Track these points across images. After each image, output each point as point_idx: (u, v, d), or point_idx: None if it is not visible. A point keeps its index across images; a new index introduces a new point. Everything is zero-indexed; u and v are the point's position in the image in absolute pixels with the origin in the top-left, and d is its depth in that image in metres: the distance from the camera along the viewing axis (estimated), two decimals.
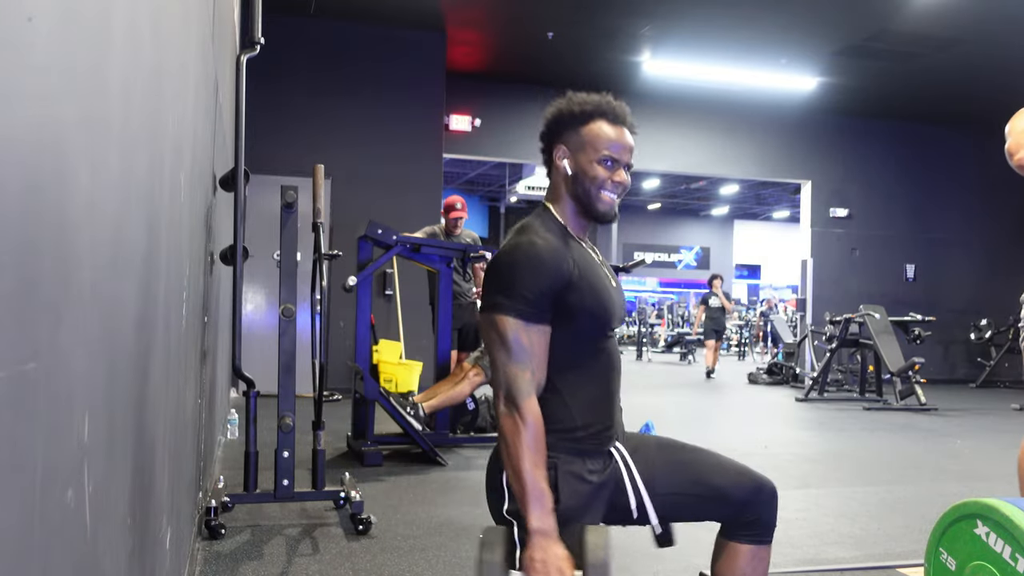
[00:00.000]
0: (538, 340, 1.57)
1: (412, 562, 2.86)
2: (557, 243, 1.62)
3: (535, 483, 1.47)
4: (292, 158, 7.52)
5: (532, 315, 1.56)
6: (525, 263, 1.57)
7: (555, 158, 1.71)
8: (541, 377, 1.59)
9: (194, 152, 2.35)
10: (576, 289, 1.60)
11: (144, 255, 1.37)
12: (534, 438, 1.50)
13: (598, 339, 1.67)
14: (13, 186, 0.63)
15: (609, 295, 1.68)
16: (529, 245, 1.59)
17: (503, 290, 1.57)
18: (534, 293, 1.56)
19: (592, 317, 1.63)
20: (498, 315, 1.56)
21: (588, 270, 1.65)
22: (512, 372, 1.53)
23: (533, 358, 1.56)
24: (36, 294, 0.71)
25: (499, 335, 1.55)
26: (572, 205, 1.71)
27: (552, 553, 1.44)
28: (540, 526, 1.45)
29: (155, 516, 1.61)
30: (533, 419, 1.51)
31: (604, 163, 1.67)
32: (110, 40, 1.02)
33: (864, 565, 2.96)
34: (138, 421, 1.36)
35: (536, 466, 1.49)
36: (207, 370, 3.28)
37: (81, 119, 0.87)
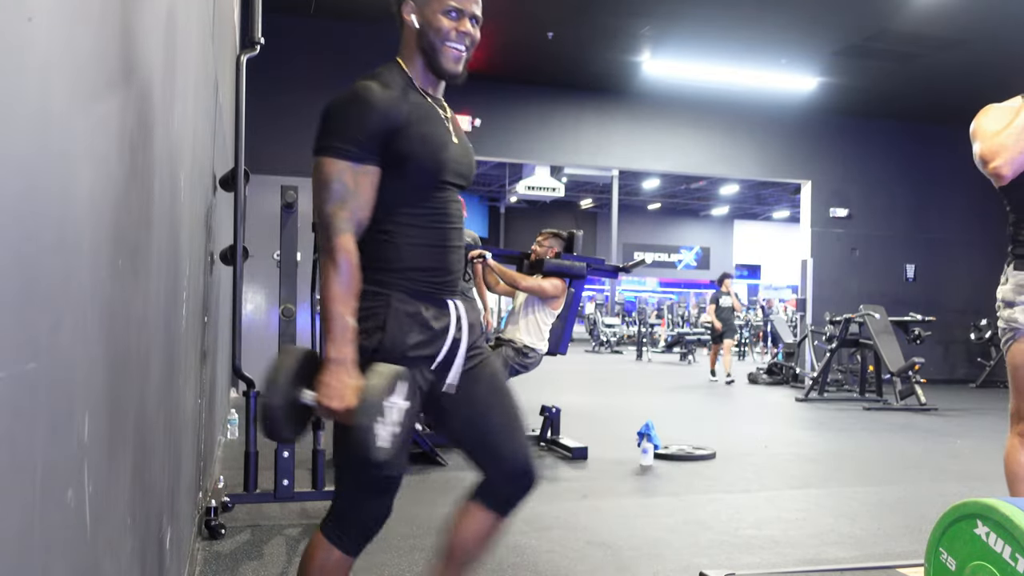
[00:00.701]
0: (363, 181, 1.61)
1: (412, 562, 2.86)
2: (394, 90, 1.65)
3: (339, 316, 1.54)
4: (292, 158, 7.52)
5: (358, 156, 1.60)
6: (355, 105, 1.61)
7: (403, 13, 1.74)
8: (363, 217, 1.62)
9: (194, 152, 2.35)
10: (406, 137, 1.63)
11: (144, 255, 1.37)
12: (345, 274, 1.56)
13: (429, 189, 1.70)
14: (13, 186, 0.63)
15: (444, 148, 1.70)
16: (363, 88, 1.62)
17: (332, 132, 1.61)
18: (362, 134, 1.59)
19: (422, 166, 1.66)
20: (325, 157, 1.60)
21: (424, 120, 1.67)
22: (330, 210, 1.58)
23: (355, 198, 1.60)
24: (36, 294, 0.71)
25: (324, 176, 1.59)
26: (421, 60, 1.74)
27: (341, 380, 1.52)
28: (337, 355, 1.53)
29: (155, 516, 1.61)
30: (345, 256, 1.56)
31: (448, 14, 1.69)
32: (110, 40, 1.02)
33: (864, 565, 2.96)
34: (138, 421, 1.36)
35: (341, 300, 1.55)
36: (207, 370, 3.28)
37: (81, 119, 0.87)
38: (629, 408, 7.14)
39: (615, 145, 10.18)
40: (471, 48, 1.74)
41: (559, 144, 10.07)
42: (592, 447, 4.97)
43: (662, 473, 4.55)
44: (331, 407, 1.52)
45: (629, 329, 19.96)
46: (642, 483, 4.33)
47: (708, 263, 28.65)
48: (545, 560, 2.93)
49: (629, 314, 21.65)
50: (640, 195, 24.95)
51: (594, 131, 10.11)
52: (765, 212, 27.27)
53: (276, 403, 1.54)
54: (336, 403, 1.51)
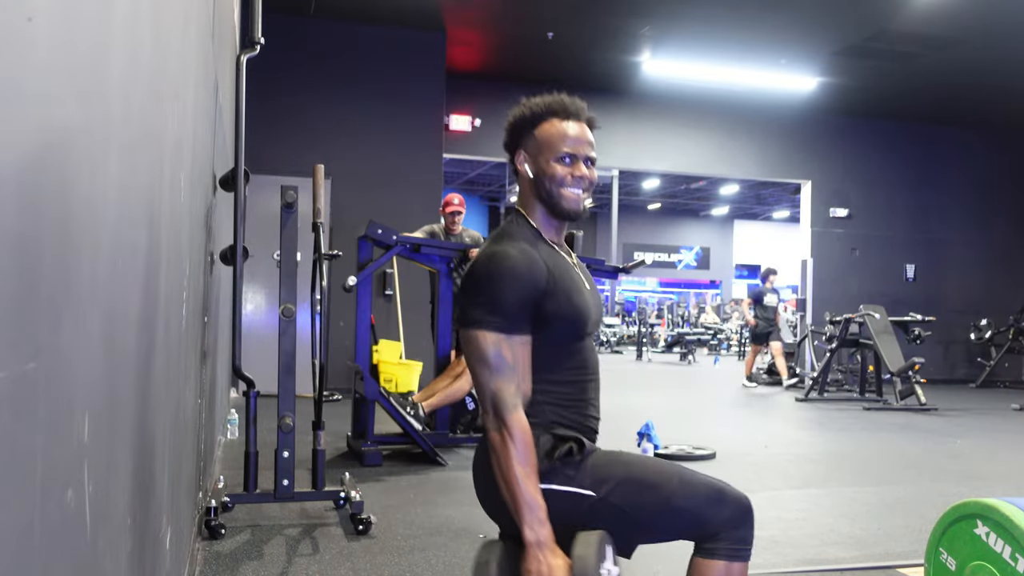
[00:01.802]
0: (520, 352, 1.58)
1: (412, 562, 2.86)
2: (531, 251, 1.62)
3: (527, 494, 1.48)
4: (292, 158, 7.53)
5: (512, 327, 1.56)
6: (501, 275, 1.56)
7: (517, 164, 1.72)
8: (526, 388, 1.59)
9: (194, 152, 2.35)
10: (552, 297, 1.60)
11: (144, 255, 1.37)
12: (523, 451, 1.51)
13: (573, 343, 1.68)
14: (13, 186, 0.63)
15: (584, 299, 1.67)
16: (504, 256, 1.58)
17: (481, 304, 1.57)
18: (513, 305, 1.56)
19: (568, 323, 1.63)
20: (478, 331, 1.55)
21: (563, 276, 1.65)
22: (496, 387, 1.54)
23: (516, 370, 1.56)
24: (36, 294, 0.71)
25: (480, 351, 1.55)
26: (541, 208, 1.71)
27: (548, 563, 1.45)
28: (535, 537, 1.46)
29: (155, 516, 1.61)
30: (520, 432, 1.52)
31: (562, 160, 1.67)
32: (110, 40, 1.02)
33: (864, 565, 2.96)
34: (138, 421, 1.36)
35: (527, 478, 1.49)
36: (207, 370, 3.28)
37: (81, 119, 0.87)
38: (629, 408, 7.14)
39: (615, 145, 10.18)
40: (590, 189, 1.72)
41: None
42: None
43: None
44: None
45: (629, 329, 19.96)
46: None
47: (708, 263, 28.64)
48: None
49: (629, 314, 21.65)
50: (640, 195, 24.95)
51: (594, 131, 10.10)
52: (765, 212, 27.27)
53: None
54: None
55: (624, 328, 20.01)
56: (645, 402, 8.26)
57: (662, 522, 1.64)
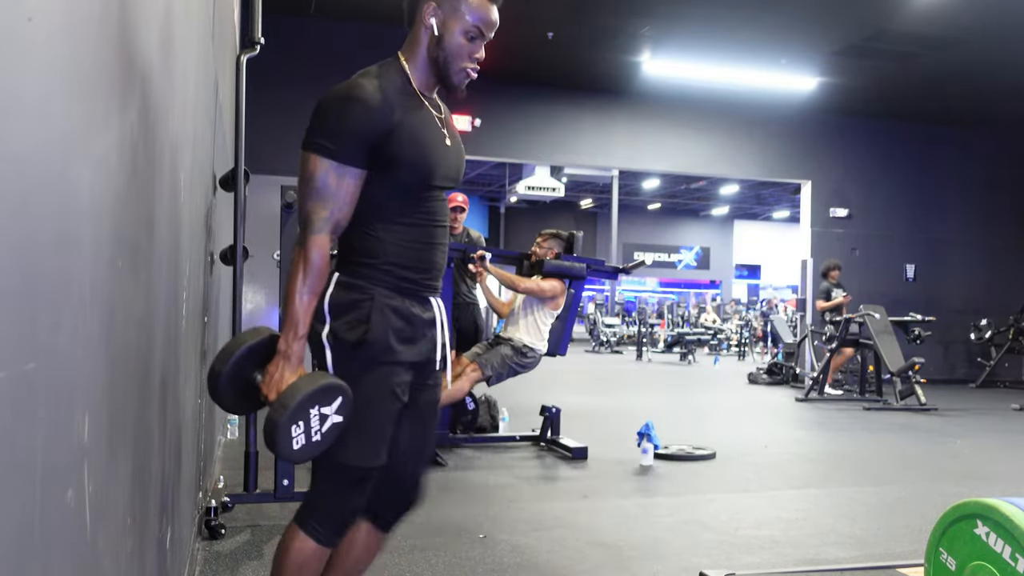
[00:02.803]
0: (346, 182, 1.62)
1: (412, 562, 2.86)
2: (389, 91, 1.65)
3: (298, 311, 1.58)
4: (292, 158, 7.43)
5: (345, 157, 1.61)
6: (346, 105, 1.62)
7: (423, 13, 1.72)
8: (341, 217, 1.64)
9: (194, 152, 2.35)
10: (397, 139, 1.64)
11: (144, 255, 1.37)
12: (313, 273, 1.59)
13: (419, 190, 1.71)
14: (13, 186, 0.63)
15: (435, 151, 1.71)
16: (357, 87, 1.63)
17: (322, 130, 1.62)
18: (350, 136, 1.61)
19: (411, 169, 1.67)
20: (312, 154, 1.62)
21: (416, 124, 1.68)
22: (309, 207, 1.61)
23: (336, 199, 1.61)
24: (36, 294, 0.71)
25: (308, 172, 1.61)
26: (426, 63, 1.74)
27: (282, 374, 1.57)
28: (285, 348, 1.58)
29: (155, 516, 1.61)
30: (318, 254, 1.59)
31: (469, 35, 1.70)
32: (110, 40, 1.02)
33: (864, 565, 2.96)
34: (138, 421, 1.36)
35: (304, 297, 1.58)
36: (207, 370, 3.28)
37: (81, 119, 0.87)
38: (629, 408, 7.14)
39: (615, 145, 10.17)
40: (476, 71, 1.76)
41: (559, 144, 10.06)
42: (592, 447, 4.97)
43: (662, 473, 4.55)
44: (267, 396, 1.57)
45: (629, 329, 19.95)
46: (642, 483, 4.33)
47: (708, 263, 28.65)
48: (545, 560, 2.93)
49: (629, 314, 21.65)
50: (640, 195, 24.95)
51: (594, 131, 10.11)
52: (765, 212, 27.27)
53: (221, 369, 1.61)
54: (272, 394, 1.56)
55: (624, 328, 20.00)
56: (645, 402, 8.26)
57: None
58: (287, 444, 1.53)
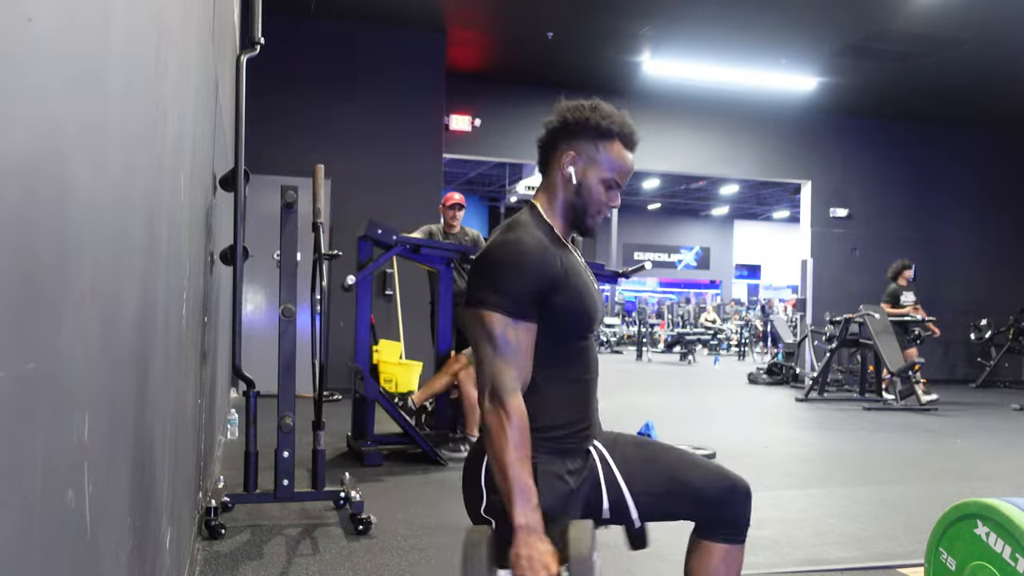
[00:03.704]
0: (525, 337, 1.58)
1: (412, 562, 2.86)
2: (546, 243, 1.63)
3: (520, 478, 1.48)
4: (292, 158, 7.52)
5: (519, 312, 1.57)
6: (514, 261, 1.58)
7: (561, 160, 1.71)
8: (526, 375, 1.59)
9: (194, 152, 2.35)
10: (562, 290, 1.61)
11: (144, 255, 1.37)
12: (519, 434, 1.51)
13: (579, 339, 1.69)
14: (13, 186, 0.63)
15: (592, 298, 1.69)
16: (518, 243, 1.59)
17: (491, 286, 1.57)
18: (523, 291, 1.57)
19: (576, 318, 1.65)
20: (485, 311, 1.56)
21: (573, 272, 1.66)
22: (498, 368, 1.54)
23: (519, 355, 1.56)
24: (36, 294, 0.71)
25: (486, 331, 1.55)
26: (564, 210, 1.73)
27: (538, 549, 1.44)
28: (526, 522, 1.46)
29: (155, 516, 1.61)
30: (518, 415, 1.52)
31: (607, 183, 1.70)
32: (110, 40, 1.02)
33: (864, 565, 2.96)
34: (138, 421, 1.36)
35: (521, 462, 1.49)
36: (207, 370, 3.28)
37: (81, 119, 0.87)
38: (629, 408, 7.14)
39: None
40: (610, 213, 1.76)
41: None
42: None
43: None
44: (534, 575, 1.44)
45: (629, 329, 19.95)
46: None
47: (708, 263, 28.64)
48: None
49: (629, 314, 21.65)
50: (640, 195, 24.94)
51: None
52: (765, 212, 27.26)
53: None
54: (538, 570, 1.43)
55: (624, 328, 20.00)
56: (645, 402, 8.26)
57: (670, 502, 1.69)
58: None
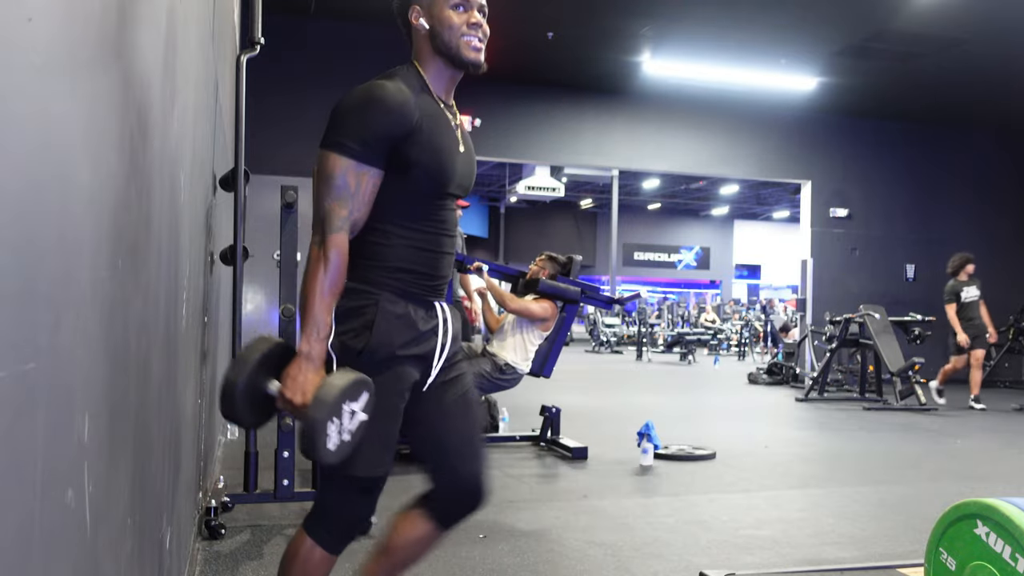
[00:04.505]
0: (365, 181, 1.61)
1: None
2: (407, 92, 1.64)
3: (319, 312, 1.55)
4: (292, 158, 7.52)
5: (364, 156, 1.59)
6: (368, 105, 1.60)
7: (412, 19, 1.74)
8: (359, 217, 1.63)
9: (194, 152, 2.35)
10: (415, 143, 1.63)
11: (145, 255, 1.37)
12: (333, 271, 1.56)
13: (432, 198, 1.71)
14: (13, 186, 0.63)
15: (451, 158, 1.71)
16: (379, 87, 1.62)
17: (341, 128, 1.60)
18: (371, 135, 1.59)
19: (427, 174, 1.66)
20: (331, 152, 1.59)
21: (435, 129, 1.68)
22: (328, 206, 1.58)
23: (355, 198, 1.60)
24: (36, 294, 0.71)
25: (328, 170, 1.59)
26: (438, 62, 1.73)
27: (307, 376, 1.53)
28: (307, 350, 1.54)
29: (155, 516, 1.61)
30: (337, 254, 1.56)
31: (456, 8, 1.70)
32: (110, 40, 1.02)
33: (864, 565, 2.96)
34: (138, 421, 1.36)
35: (324, 297, 1.55)
36: (207, 370, 3.28)
37: (81, 119, 0.87)
38: (629, 408, 7.14)
39: (615, 145, 10.17)
40: (485, 39, 1.74)
41: (559, 144, 10.06)
42: (592, 447, 4.97)
43: (662, 473, 4.54)
44: (292, 400, 1.53)
45: (629, 329, 19.96)
46: (642, 483, 4.33)
47: (708, 263, 28.65)
48: (545, 560, 2.93)
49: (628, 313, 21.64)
50: (640, 195, 24.96)
51: (594, 131, 10.11)
52: (765, 212, 27.27)
53: (237, 380, 1.55)
54: (297, 397, 1.52)
55: (624, 328, 20.00)
56: (645, 402, 8.26)
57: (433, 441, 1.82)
58: (324, 443, 1.49)
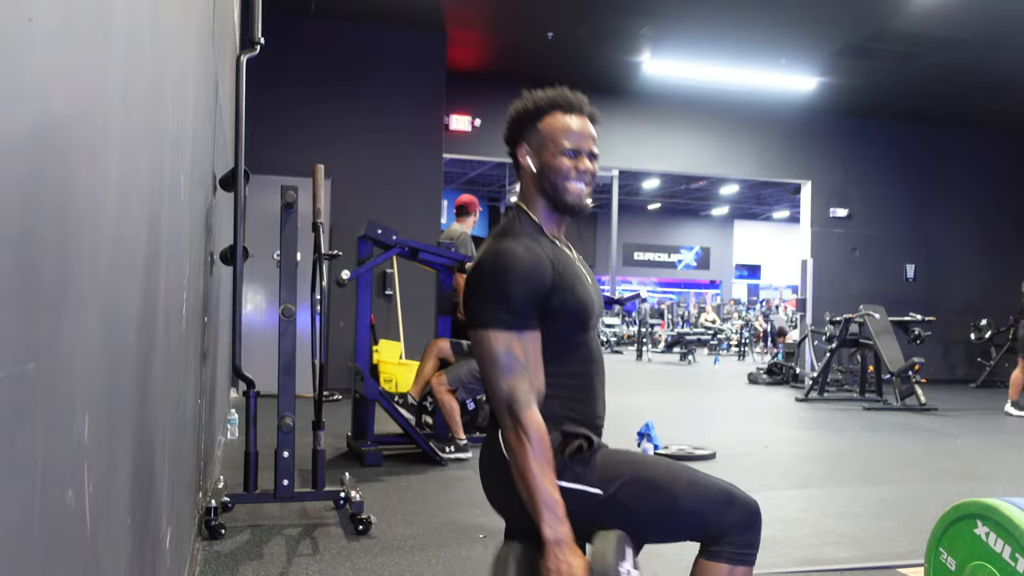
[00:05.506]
0: (531, 348, 1.57)
1: (412, 562, 2.86)
2: (536, 247, 1.61)
3: (545, 492, 1.47)
4: (292, 158, 7.52)
5: (522, 324, 1.55)
6: (508, 272, 1.55)
7: (520, 158, 1.72)
8: (539, 384, 1.58)
9: (194, 152, 2.35)
10: (558, 291, 1.60)
11: (144, 255, 1.37)
12: (540, 448, 1.49)
13: (579, 336, 1.67)
14: (13, 186, 0.63)
15: (588, 292, 1.68)
16: (510, 253, 1.57)
17: (490, 302, 1.55)
18: (522, 302, 1.55)
19: (574, 316, 1.63)
20: (488, 330, 1.54)
21: (567, 270, 1.65)
22: (509, 386, 1.52)
23: (528, 368, 1.55)
24: (36, 294, 0.71)
25: (491, 351, 1.54)
26: (543, 203, 1.70)
27: (568, 562, 1.44)
28: (554, 535, 1.45)
29: (155, 516, 1.61)
30: (536, 429, 1.50)
31: (566, 154, 1.67)
32: (110, 40, 1.02)
33: (864, 565, 2.96)
34: (138, 421, 1.36)
35: (544, 475, 1.48)
36: (207, 370, 3.28)
37: (81, 119, 0.87)
38: (629, 408, 7.14)
39: (615, 145, 10.17)
40: (592, 183, 1.71)
41: None
42: None
43: None
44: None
45: (629, 329, 19.96)
46: None
47: (708, 263, 28.64)
48: None
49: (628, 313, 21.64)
50: (640, 195, 24.95)
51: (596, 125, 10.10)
52: (765, 212, 27.27)
53: None
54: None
55: (624, 328, 20.00)
56: (645, 402, 8.26)
57: (668, 523, 1.62)
58: None
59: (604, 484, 1.59)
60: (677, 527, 1.63)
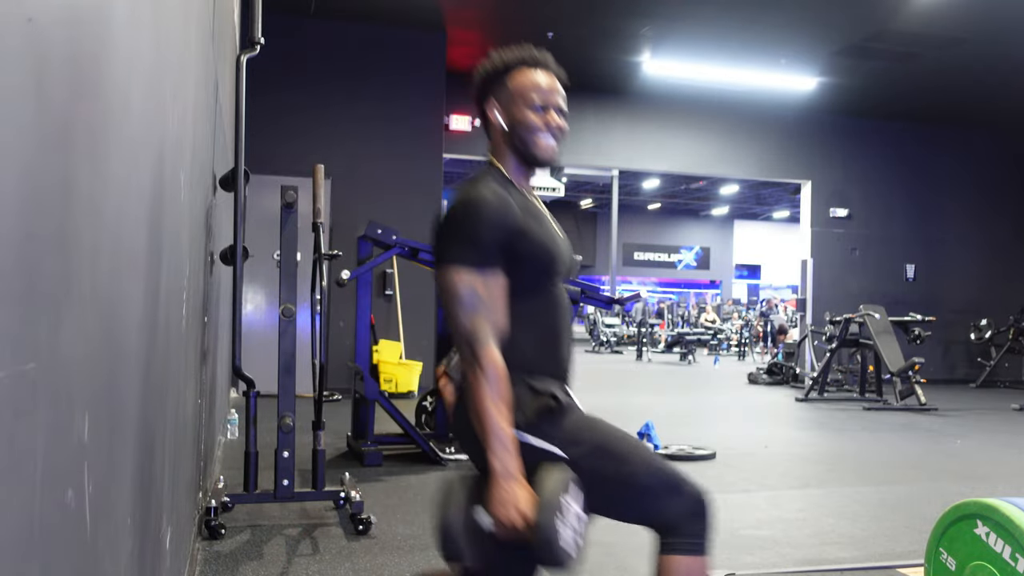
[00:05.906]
0: (494, 289, 1.60)
1: (412, 562, 2.86)
2: (504, 193, 1.65)
3: (497, 427, 1.51)
4: (292, 158, 7.52)
5: (487, 264, 1.59)
6: (476, 215, 1.60)
7: (489, 114, 1.75)
8: (500, 323, 1.61)
9: (194, 152, 2.35)
10: (525, 236, 1.63)
11: (144, 255, 1.37)
12: (495, 385, 1.53)
13: (545, 284, 1.70)
14: (13, 186, 0.63)
15: (555, 242, 1.71)
16: (479, 197, 1.62)
17: (457, 242, 1.60)
18: (488, 243, 1.59)
19: (541, 262, 1.67)
20: (453, 267, 1.58)
21: (534, 217, 1.69)
22: (470, 323, 1.56)
23: (490, 307, 1.59)
24: (36, 294, 0.71)
25: (454, 288, 1.57)
26: (513, 157, 1.74)
27: (513, 493, 1.48)
28: (502, 467, 1.49)
29: (155, 516, 1.61)
30: (493, 366, 1.54)
31: (535, 109, 1.71)
32: (110, 40, 1.02)
33: (864, 565, 2.96)
34: (138, 421, 1.36)
35: (498, 410, 1.52)
36: (207, 370, 3.28)
37: (81, 119, 0.87)
38: (629, 408, 7.14)
39: (615, 145, 10.17)
40: (562, 138, 1.75)
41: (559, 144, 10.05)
42: None
43: None
44: (508, 518, 1.47)
45: (629, 329, 19.96)
46: None
47: (708, 263, 28.64)
48: None
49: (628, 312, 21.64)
50: (640, 195, 24.95)
51: (594, 131, 10.11)
52: (765, 212, 27.27)
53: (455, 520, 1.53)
54: (512, 512, 1.46)
55: (624, 328, 20.00)
56: (645, 402, 8.26)
57: (621, 497, 1.64)
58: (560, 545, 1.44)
59: (568, 447, 1.61)
60: (628, 503, 1.65)
